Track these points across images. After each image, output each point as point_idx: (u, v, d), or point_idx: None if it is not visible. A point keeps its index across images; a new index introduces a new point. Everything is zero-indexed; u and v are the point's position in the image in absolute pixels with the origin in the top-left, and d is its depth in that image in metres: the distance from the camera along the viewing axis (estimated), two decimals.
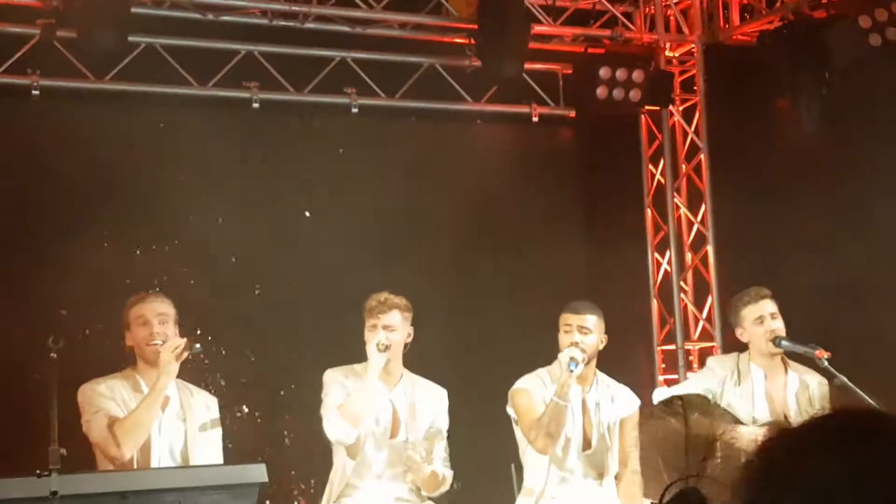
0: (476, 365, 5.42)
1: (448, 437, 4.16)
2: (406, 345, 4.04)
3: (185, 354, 3.66)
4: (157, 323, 3.73)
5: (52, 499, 2.81)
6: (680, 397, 4.04)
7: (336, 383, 3.99)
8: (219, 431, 3.86)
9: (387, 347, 3.91)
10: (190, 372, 3.93)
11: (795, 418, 4.18)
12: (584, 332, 4.07)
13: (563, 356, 3.99)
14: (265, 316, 5.31)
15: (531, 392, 4.10)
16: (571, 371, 3.95)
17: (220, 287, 5.24)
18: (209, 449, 3.78)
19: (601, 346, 4.15)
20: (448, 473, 4.09)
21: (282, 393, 5.24)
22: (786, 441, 0.97)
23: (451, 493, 4.13)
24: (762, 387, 4.23)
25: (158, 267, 5.04)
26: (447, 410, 4.14)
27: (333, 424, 3.91)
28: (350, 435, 3.91)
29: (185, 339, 3.68)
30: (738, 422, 4.15)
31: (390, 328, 3.96)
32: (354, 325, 4.10)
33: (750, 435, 4.06)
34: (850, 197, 5.46)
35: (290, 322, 5.32)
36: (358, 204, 5.54)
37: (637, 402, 4.21)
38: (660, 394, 4.32)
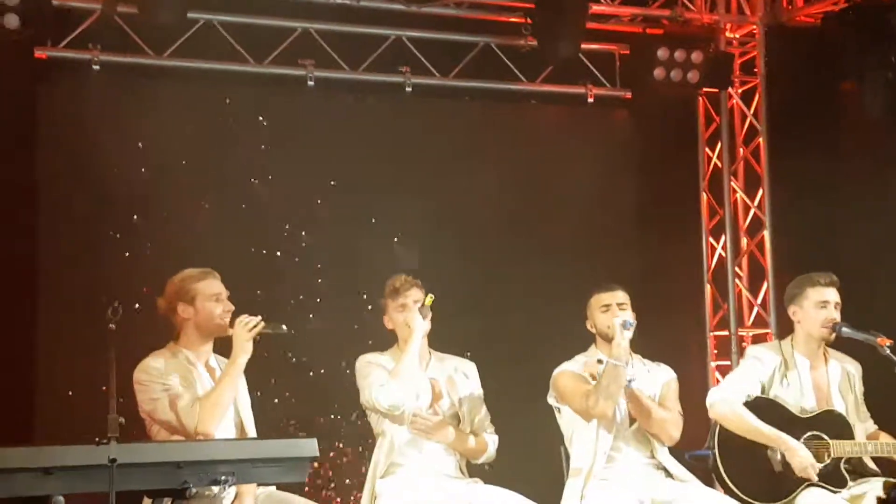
0: (525, 343, 5.41)
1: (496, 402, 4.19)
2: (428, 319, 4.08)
3: (257, 332, 3.65)
4: (226, 299, 3.74)
5: (111, 466, 2.85)
6: None
7: (373, 364, 4.05)
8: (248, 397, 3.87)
9: (429, 313, 3.98)
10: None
11: (839, 408, 4.14)
12: (622, 307, 4.12)
13: (616, 321, 4.04)
14: (307, 287, 5.34)
15: (574, 371, 4.13)
16: (628, 329, 3.99)
17: (271, 261, 5.29)
18: (250, 415, 3.81)
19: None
20: (491, 439, 4.13)
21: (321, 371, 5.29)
22: None
23: (502, 476, 4.13)
24: (808, 376, 4.16)
25: (211, 242, 5.09)
26: (479, 381, 4.20)
27: (387, 389, 3.94)
28: (404, 398, 3.94)
29: (259, 317, 3.67)
30: (787, 413, 4.09)
31: (418, 303, 4.04)
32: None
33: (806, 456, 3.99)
34: None
35: (331, 294, 5.35)
36: (410, 182, 5.55)
37: (673, 373, 4.21)
38: (713, 394, 4.22)
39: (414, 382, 3.98)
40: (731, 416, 4.07)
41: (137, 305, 4.53)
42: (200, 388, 3.67)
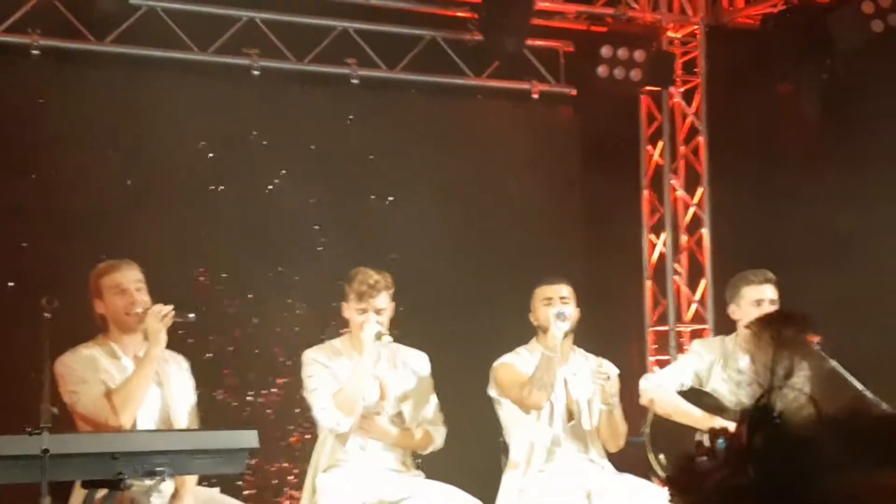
0: (468, 338, 5.43)
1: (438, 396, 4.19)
2: (389, 319, 4.03)
3: (170, 321, 3.58)
4: (134, 290, 3.65)
5: (43, 457, 2.81)
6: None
7: (318, 364, 3.96)
8: (192, 387, 3.82)
9: (382, 335, 3.90)
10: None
11: None
12: (564, 301, 4.16)
13: (551, 311, 4.08)
14: (253, 284, 5.31)
15: (514, 364, 4.16)
16: (561, 320, 4.02)
17: (213, 254, 5.24)
18: (185, 409, 3.75)
19: (576, 319, 4.18)
20: (439, 432, 4.11)
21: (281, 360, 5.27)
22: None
23: (442, 469, 4.15)
24: (748, 372, 4.24)
25: (150, 231, 5.03)
26: (431, 374, 4.16)
27: (328, 414, 3.89)
28: (345, 424, 3.90)
29: (170, 306, 3.60)
30: (722, 407, 4.17)
31: (381, 311, 3.94)
32: (342, 295, 4.09)
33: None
34: (849, 184, 5.45)
35: (276, 291, 5.32)
36: (354, 175, 5.53)
37: (615, 370, 4.24)
38: (646, 380, 4.30)
39: (360, 403, 3.91)
40: (662, 399, 4.15)
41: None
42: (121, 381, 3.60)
